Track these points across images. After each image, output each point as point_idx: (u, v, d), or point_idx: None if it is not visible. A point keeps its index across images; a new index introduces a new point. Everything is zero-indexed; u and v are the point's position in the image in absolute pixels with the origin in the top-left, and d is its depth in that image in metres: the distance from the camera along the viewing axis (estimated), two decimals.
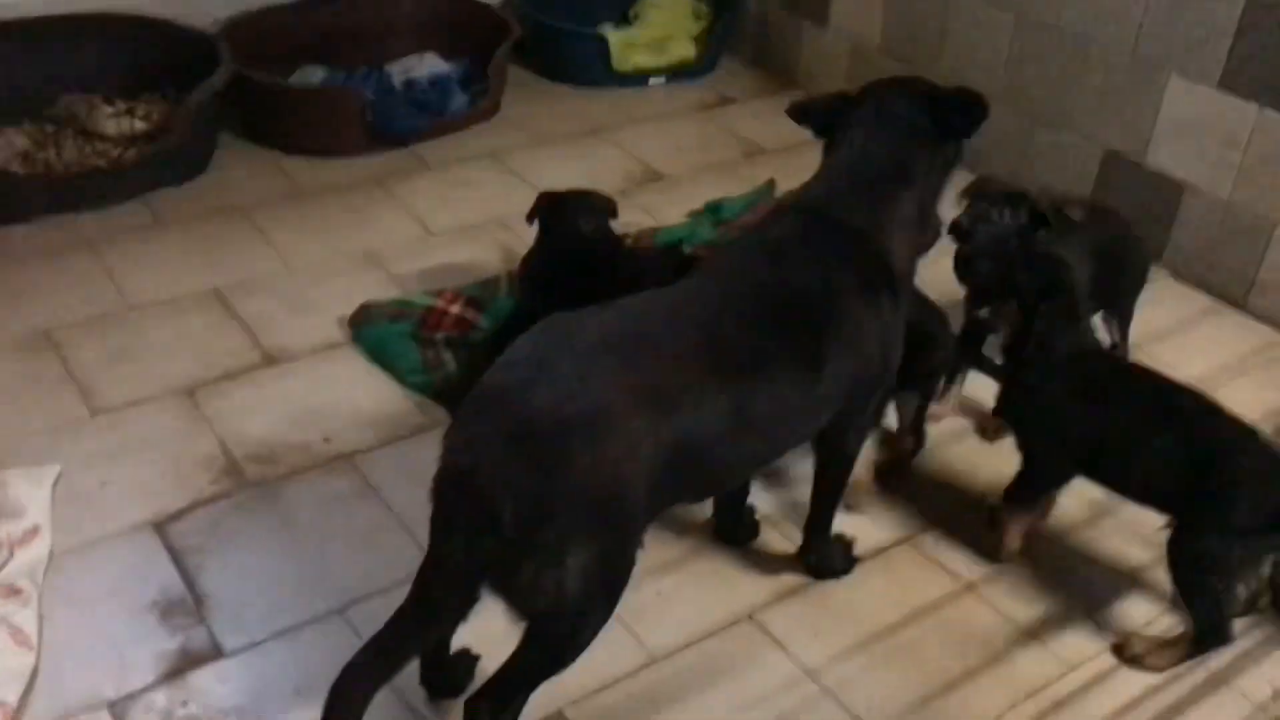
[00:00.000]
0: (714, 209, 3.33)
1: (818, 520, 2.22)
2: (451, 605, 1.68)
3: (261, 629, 2.06)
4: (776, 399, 1.83)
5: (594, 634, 1.70)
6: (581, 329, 1.74)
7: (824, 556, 2.25)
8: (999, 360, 2.34)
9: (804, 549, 2.25)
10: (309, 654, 2.01)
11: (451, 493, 1.63)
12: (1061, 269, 2.24)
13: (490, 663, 1.81)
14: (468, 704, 1.74)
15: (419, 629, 1.71)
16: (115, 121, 3.33)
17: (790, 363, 1.84)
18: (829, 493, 2.19)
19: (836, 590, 2.23)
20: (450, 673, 1.94)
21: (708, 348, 1.77)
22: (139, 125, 3.34)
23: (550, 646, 1.70)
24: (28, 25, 3.38)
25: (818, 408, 1.93)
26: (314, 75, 3.79)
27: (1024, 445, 2.27)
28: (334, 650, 2.00)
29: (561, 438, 1.58)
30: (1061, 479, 2.26)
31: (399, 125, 3.59)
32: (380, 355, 2.71)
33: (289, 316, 2.84)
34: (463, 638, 1.90)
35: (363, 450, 2.46)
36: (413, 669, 1.86)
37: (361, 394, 2.62)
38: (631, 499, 1.65)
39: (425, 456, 2.39)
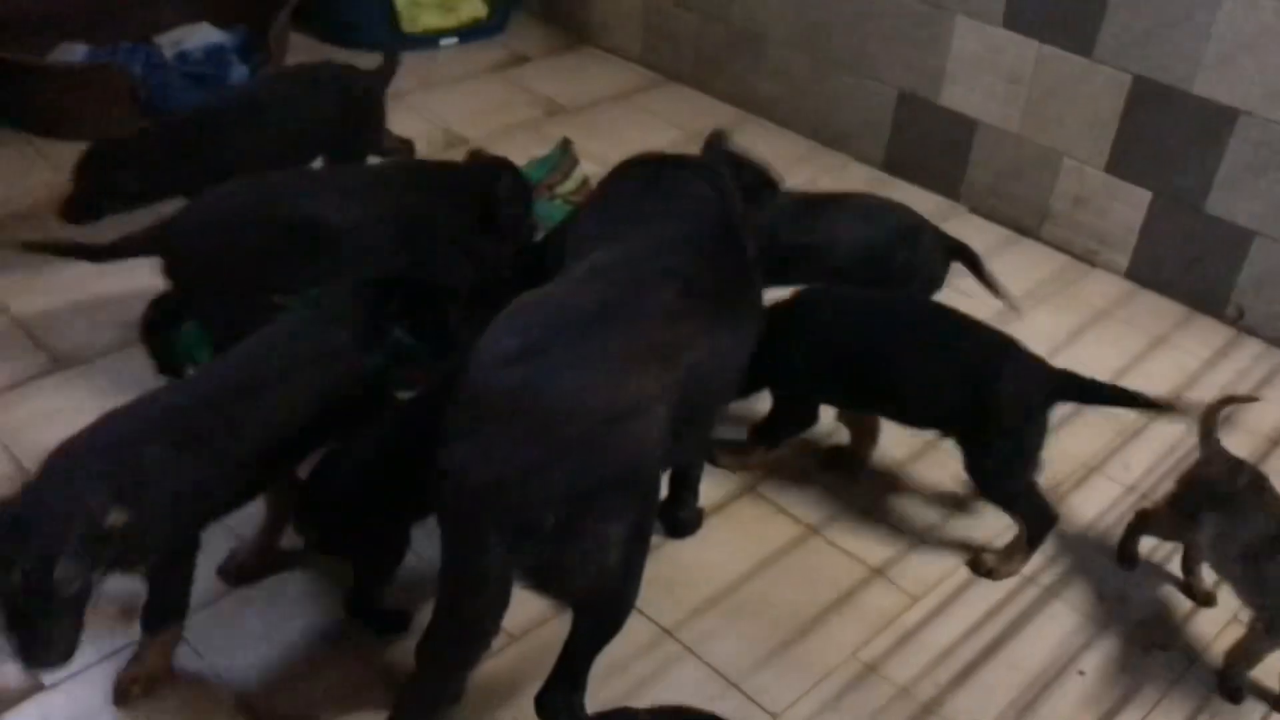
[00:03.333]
0: None
1: (694, 478, 2.23)
2: (497, 619, 1.60)
3: (83, 656, 1.89)
4: (736, 335, 1.88)
5: (638, 591, 1.71)
6: (554, 309, 1.67)
7: (691, 512, 2.25)
8: None
9: (672, 504, 2.23)
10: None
11: (479, 509, 1.52)
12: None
13: None
14: (539, 700, 1.75)
15: (470, 654, 1.65)
16: None
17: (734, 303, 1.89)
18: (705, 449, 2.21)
19: (685, 549, 2.23)
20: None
21: (682, 297, 1.75)
22: None
23: (604, 620, 1.72)
24: None
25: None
26: (75, 53, 3.49)
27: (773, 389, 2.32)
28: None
29: (586, 427, 1.52)
30: (808, 420, 2.36)
31: (173, 101, 3.34)
32: (183, 352, 2.53)
33: (73, 316, 2.62)
34: None
35: None
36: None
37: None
38: (654, 462, 1.64)
39: None
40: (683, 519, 2.25)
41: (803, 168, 3.40)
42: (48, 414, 2.35)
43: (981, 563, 2.23)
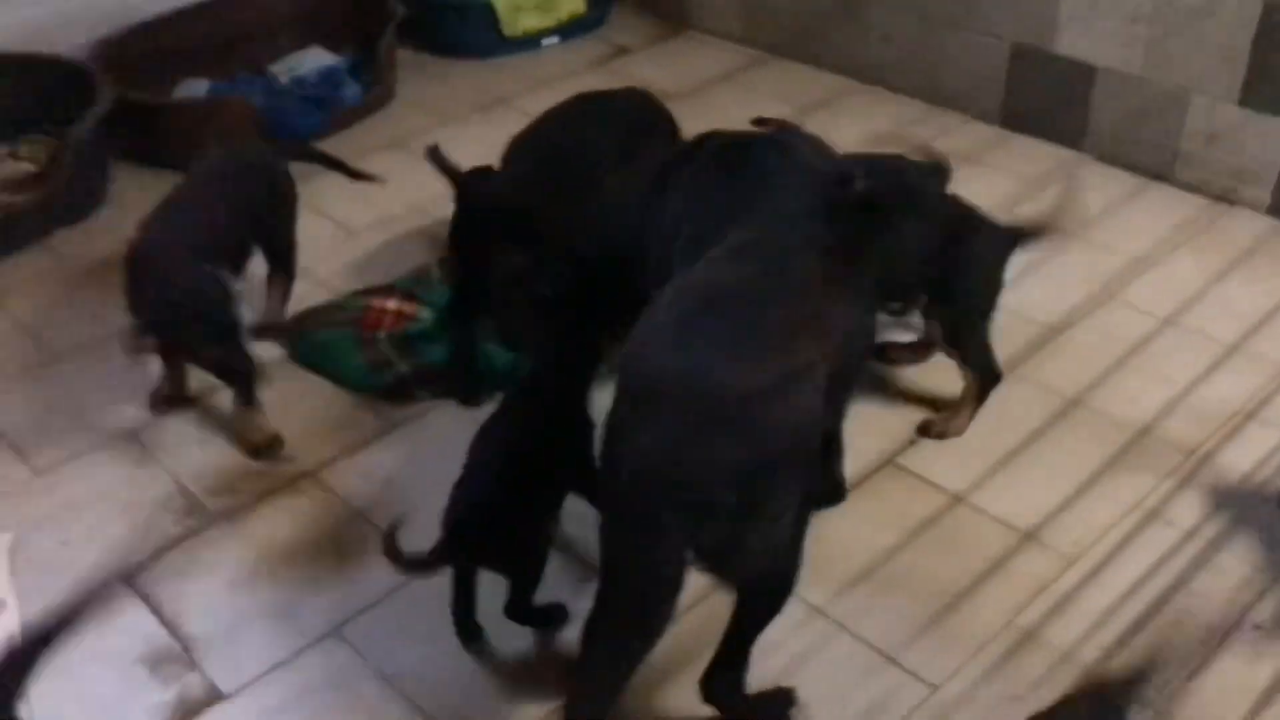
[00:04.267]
0: None
1: (838, 447, 2.22)
2: (673, 606, 1.63)
3: (257, 663, 1.98)
4: (867, 301, 1.96)
5: (801, 566, 1.73)
6: (708, 289, 1.68)
7: (836, 483, 2.25)
8: None
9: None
10: (311, 680, 1.95)
11: (660, 495, 1.53)
12: None
13: None
14: (705, 682, 1.79)
15: (647, 644, 1.67)
16: None
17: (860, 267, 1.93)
18: None
19: (828, 525, 2.21)
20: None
21: (825, 267, 1.75)
22: (25, 168, 3.18)
23: (772, 597, 1.74)
24: None
25: None
26: (198, 88, 3.64)
27: None
28: (336, 672, 1.96)
29: (758, 402, 1.51)
30: None
31: (294, 126, 3.46)
32: (323, 364, 2.62)
33: None
34: None
35: (325, 463, 2.38)
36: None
37: (311, 407, 2.53)
38: (818, 432, 1.67)
39: (387, 460, 2.37)
40: (828, 490, 2.23)
41: (918, 130, 3.34)
42: (205, 435, 2.47)
43: (931, 425, 2.38)
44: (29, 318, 2.84)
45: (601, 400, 1.83)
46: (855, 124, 3.34)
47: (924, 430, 2.38)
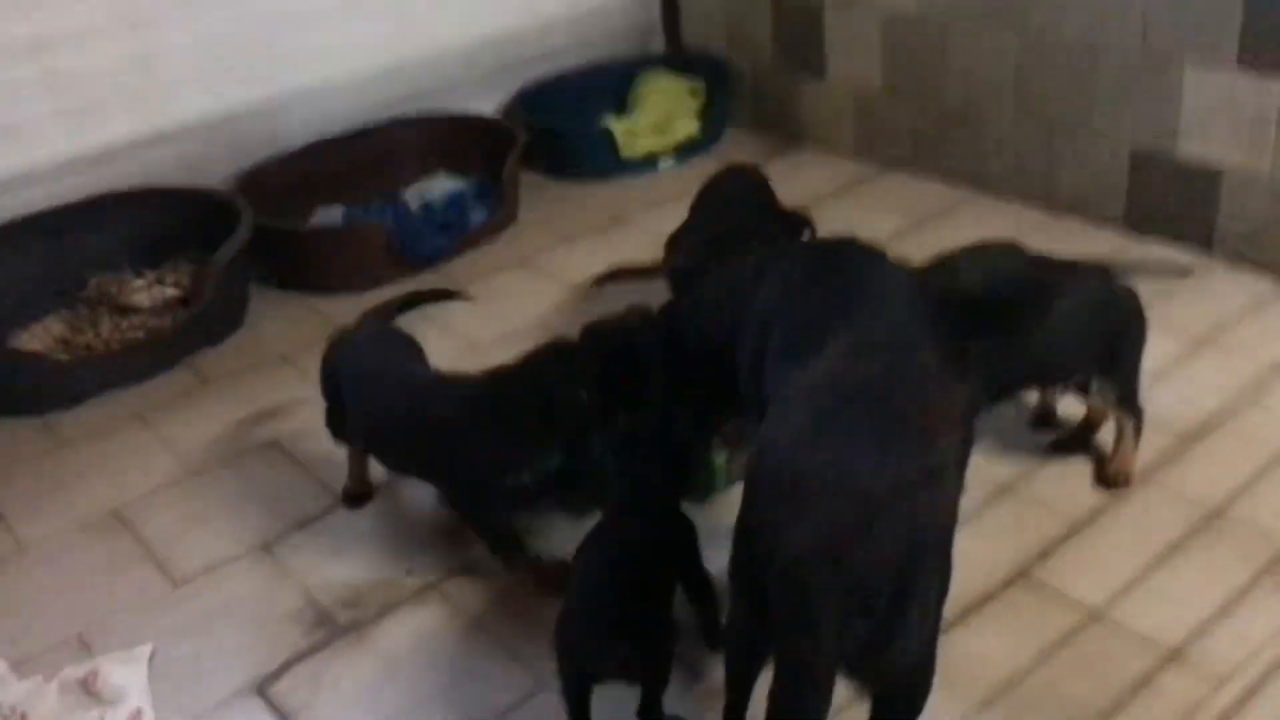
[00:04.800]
0: None
1: None
2: (826, 711, 1.59)
3: None
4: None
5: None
6: (836, 385, 1.71)
7: None
8: None
9: None
10: None
11: (817, 590, 1.52)
12: None
13: None
14: None
15: None
16: (147, 293, 3.36)
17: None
18: None
19: (958, 641, 2.14)
20: None
21: (939, 360, 1.79)
22: (170, 292, 3.36)
23: (911, 700, 1.70)
24: (50, 216, 3.42)
25: None
26: (333, 215, 3.82)
27: None
28: None
29: (905, 497, 1.53)
30: None
31: (424, 249, 3.60)
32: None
33: None
34: None
35: (446, 577, 2.41)
36: None
37: (433, 521, 2.57)
38: (955, 525, 1.67)
39: (508, 577, 2.38)
40: None
41: (1038, 237, 3.29)
42: (334, 549, 2.53)
43: (1112, 472, 2.44)
44: (172, 433, 2.96)
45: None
46: (973, 233, 3.30)
47: (1109, 480, 2.43)
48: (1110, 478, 2.44)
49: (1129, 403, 2.42)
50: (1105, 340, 2.37)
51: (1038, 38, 3.36)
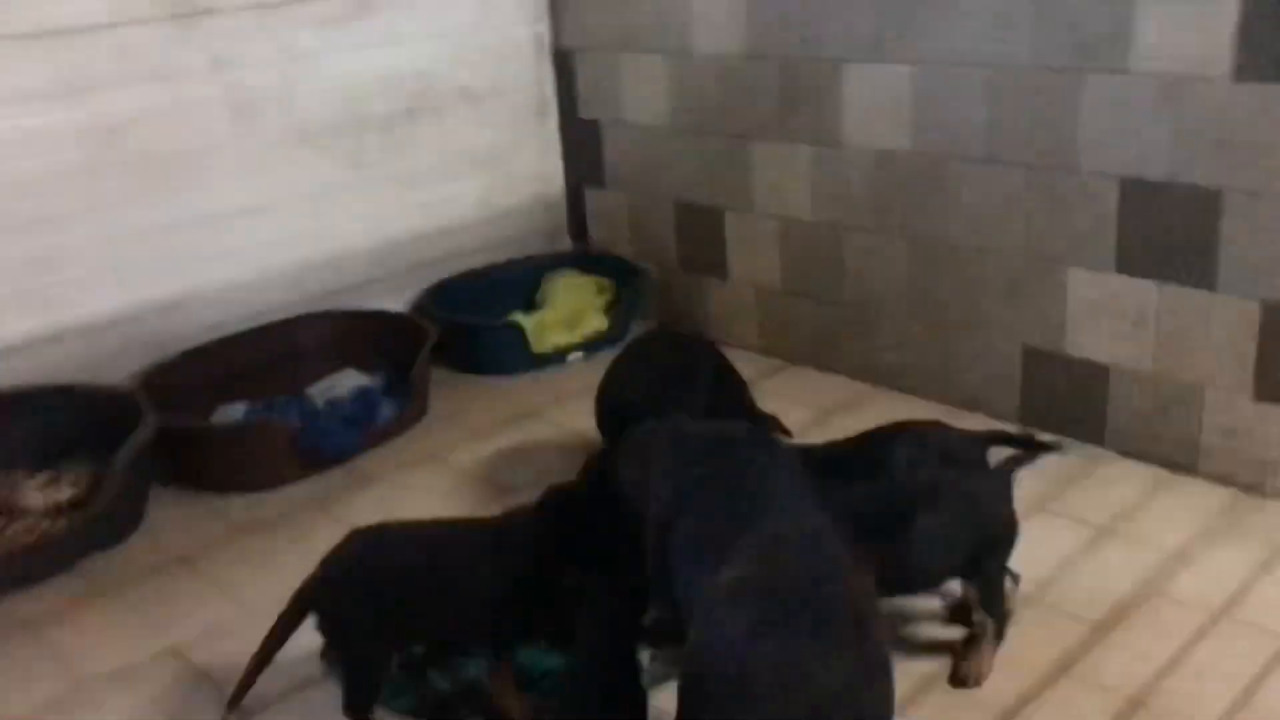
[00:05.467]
0: None
1: None
2: None
3: None
4: None
5: None
6: (764, 582, 1.71)
7: None
8: None
9: None
10: None
11: None
12: None
13: None
14: None
15: None
16: (41, 494, 3.23)
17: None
18: None
19: None
20: None
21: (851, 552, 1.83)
22: (66, 493, 3.23)
23: None
24: None
25: None
26: (235, 412, 3.75)
27: None
28: None
29: (853, 692, 1.57)
30: None
31: (330, 445, 3.55)
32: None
33: None
34: None
35: None
36: None
37: None
38: None
39: None
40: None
41: None
42: None
43: (963, 674, 2.42)
44: (62, 642, 2.80)
45: None
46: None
47: (959, 681, 2.41)
48: (960, 678, 2.43)
49: (992, 606, 2.46)
50: (970, 549, 2.41)
51: (927, 243, 3.56)
